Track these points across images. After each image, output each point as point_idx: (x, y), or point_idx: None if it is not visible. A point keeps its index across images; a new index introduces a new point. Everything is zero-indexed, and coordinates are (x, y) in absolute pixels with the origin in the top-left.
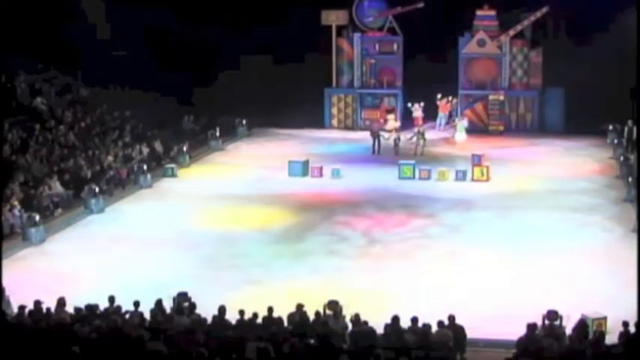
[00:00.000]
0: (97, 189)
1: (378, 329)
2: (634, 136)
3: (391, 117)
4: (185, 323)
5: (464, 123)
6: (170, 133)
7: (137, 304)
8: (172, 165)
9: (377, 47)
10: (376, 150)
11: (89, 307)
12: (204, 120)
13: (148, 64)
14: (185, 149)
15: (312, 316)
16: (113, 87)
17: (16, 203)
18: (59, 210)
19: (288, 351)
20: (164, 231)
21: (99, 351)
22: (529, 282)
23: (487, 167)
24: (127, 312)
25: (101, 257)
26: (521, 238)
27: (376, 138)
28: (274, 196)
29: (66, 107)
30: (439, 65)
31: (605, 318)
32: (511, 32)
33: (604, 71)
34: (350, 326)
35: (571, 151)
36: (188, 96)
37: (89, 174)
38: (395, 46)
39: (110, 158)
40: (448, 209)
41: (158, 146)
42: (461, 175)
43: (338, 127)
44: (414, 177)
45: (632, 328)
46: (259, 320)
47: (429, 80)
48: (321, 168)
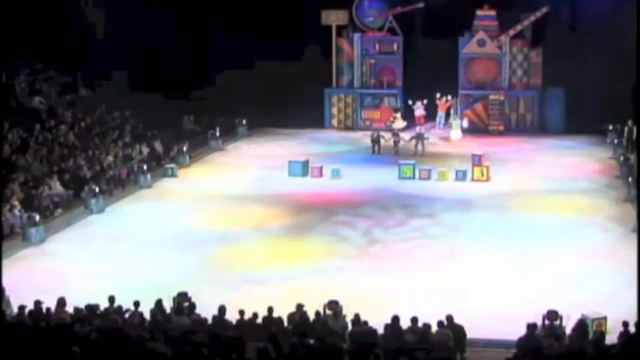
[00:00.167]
0: (97, 189)
1: (378, 329)
2: (634, 136)
3: (398, 115)
4: (185, 323)
5: (458, 122)
6: (170, 133)
7: (137, 304)
8: (172, 165)
9: (377, 47)
10: (376, 150)
11: (89, 307)
12: (204, 120)
13: (148, 64)
14: (185, 149)
15: (312, 316)
16: (113, 87)
17: (16, 203)
18: (59, 210)
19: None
20: (164, 231)
21: (99, 351)
22: (529, 282)
23: (487, 167)
24: (127, 310)
25: (101, 257)
26: (521, 238)
27: (376, 138)
28: (274, 196)
29: (66, 107)
30: (439, 65)
31: (605, 318)
32: (511, 32)
33: (604, 71)
34: (350, 326)
35: (571, 151)
36: (188, 96)
37: (89, 174)
38: (395, 46)
39: (110, 158)
40: (448, 209)
41: (158, 146)
42: (461, 175)
43: (338, 127)
44: (414, 177)
45: (632, 328)
46: (259, 320)
47: (429, 80)
48: (321, 168)
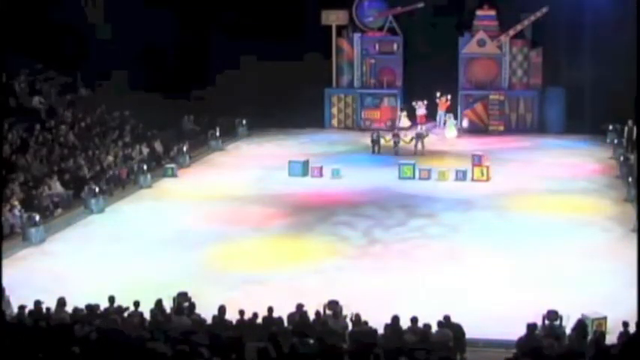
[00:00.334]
0: (97, 189)
1: (378, 329)
2: (634, 136)
3: (404, 114)
4: (185, 323)
5: (453, 120)
6: (170, 133)
7: (137, 304)
8: (172, 165)
9: (377, 47)
10: (376, 150)
11: (89, 307)
12: (204, 120)
13: (148, 64)
14: (185, 149)
15: (312, 316)
16: (113, 87)
17: (16, 203)
18: (59, 210)
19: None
20: (164, 231)
21: (99, 351)
22: (529, 282)
23: (487, 167)
24: (127, 308)
25: (101, 257)
26: (521, 238)
27: (376, 138)
28: (274, 196)
29: (66, 107)
30: (439, 65)
31: (605, 318)
32: (511, 32)
33: (604, 71)
34: (350, 326)
35: (571, 151)
36: (188, 96)
37: (89, 174)
38: (395, 46)
39: (110, 158)
40: (448, 209)
41: (158, 146)
42: (461, 175)
43: (338, 127)
44: (414, 177)
45: (632, 328)
46: (259, 320)
47: (429, 80)
48: (321, 168)
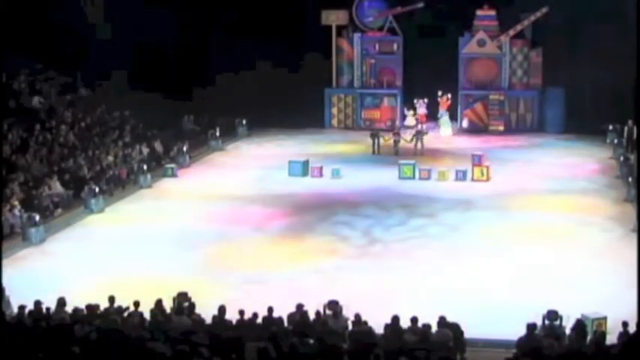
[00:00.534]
0: (97, 189)
1: (378, 329)
2: (634, 136)
3: (410, 113)
4: (185, 323)
5: (447, 118)
6: (170, 133)
7: (137, 304)
8: (172, 165)
9: (377, 47)
10: (376, 150)
11: (89, 307)
12: (204, 120)
13: (149, 64)
14: (185, 149)
15: (312, 316)
16: (113, 87)
17: (16, 203)
18: (59, 210)
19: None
20: (164, 231)
21: (99, 351)
22: (529, 282)
23: (487, 167)
24: (127, 308)
25: (101, 257)
26: (521, 238)
27: (376, 138)
28: (274, 196)
29: (66, 107)
30: (439, 65)
31: (605, 318)
32: (511, 32)
33: (604, 71)
34: (350, 326)
35: (571, 151)
36: (188, 96)
37: (89, 174)
38: (395, 46)
39: (110, 158)
40: (448, 209)
41: (158, 146)
42: (461, 175)
43: (338, 127)
44: (414, 177)
45: (632, 328)
46: (259, 320)
47: (429, 80)
48: (321, 168)
